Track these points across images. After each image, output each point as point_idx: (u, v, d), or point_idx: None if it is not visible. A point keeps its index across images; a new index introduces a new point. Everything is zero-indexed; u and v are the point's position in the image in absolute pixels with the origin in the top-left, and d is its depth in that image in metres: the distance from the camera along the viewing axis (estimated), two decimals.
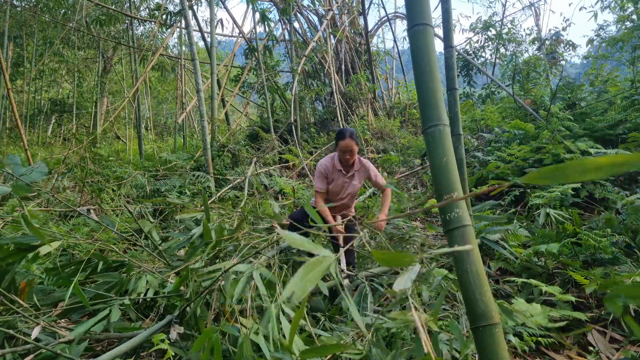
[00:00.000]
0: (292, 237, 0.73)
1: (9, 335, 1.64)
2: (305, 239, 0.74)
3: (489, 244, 2.59)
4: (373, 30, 11.53)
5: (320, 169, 2.80)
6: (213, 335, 1.34)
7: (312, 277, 0.63)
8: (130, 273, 2.13)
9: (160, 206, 4.40)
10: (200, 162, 6.34)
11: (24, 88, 12.43)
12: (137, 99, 9.10)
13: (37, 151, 10.30)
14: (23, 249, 1.81)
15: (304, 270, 0.64)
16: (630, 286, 0.63)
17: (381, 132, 8.55)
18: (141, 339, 1.62)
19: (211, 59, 6.82)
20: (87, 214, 2.48)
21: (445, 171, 1.33)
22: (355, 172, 2.82)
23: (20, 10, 10.11)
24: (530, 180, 0.53)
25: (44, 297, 2.13)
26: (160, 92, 16.48)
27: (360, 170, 2.84)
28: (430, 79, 1.38)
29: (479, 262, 1.25)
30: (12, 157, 3.57)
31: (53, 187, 4.84)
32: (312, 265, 0.65)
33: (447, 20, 2.69)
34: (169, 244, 3.09)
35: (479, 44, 9.46)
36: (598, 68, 6.61)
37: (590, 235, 2.62)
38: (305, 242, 0.73)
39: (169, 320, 1.75)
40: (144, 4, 11.55)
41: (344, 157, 2.73)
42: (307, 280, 0.62)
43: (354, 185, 2.83)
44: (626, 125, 4.36)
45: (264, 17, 7.79)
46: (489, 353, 1.18)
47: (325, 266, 0.66)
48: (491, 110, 7.29)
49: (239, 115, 11.79)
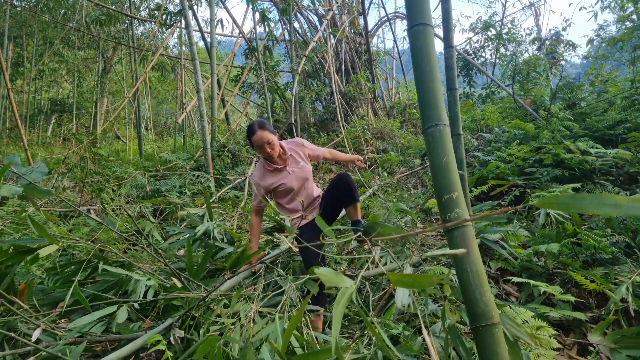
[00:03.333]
0: (323, 273, 0.80)
1: (9, 337, 1.64)
2: (333, 272, 0.83)
3: (489, 244, 2.59)
4: (373, 30, 11.53)
5: (252, 183, 2.43)
6: (216, 344, 1.34)
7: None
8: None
9: (161, 206, 4.40)
10: (200, 162, 6.33)
11: (24, 88, 12.43)
12: (137, 99, 9.10)
13: (37, 151, 10.30)
14: (22, 251, 1.80)
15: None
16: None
17: (381, 132, 8.56)
18: (142, 343, 1.62)
19: (211, 59, 6.82)
20: (87, 214, 2.48)
21: (445, 171, 1.33)
22: (290, 157, 2.39)
23: (20, 10, 10.11)
24: (544, 206, 0.54)
25: (43, 297, 2.13)
26: (160, 92, 16.47)
27: (293, 152, 2.41)
28: (430, 79, 1.38)
29: (479, 262, 1.25)
30: (12, 157, 3.58)
31: (55, 188, 4.84)
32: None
33: (447, 20, 2.69)
34: (169, 242, 3.09)
35: (479, 44, 9.46)
36: (598, 68, 6.61)
37: (590, 235, 2.62)
38: (334, 275, 0.83)
39: (170, 324, 1.75)
40: (144, 4, 11.56)
41: (266, 154, 2.30)
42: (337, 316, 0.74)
43: (301, 169, 2.39)
44: (626, 125, 4.37)
45: (264, 17, 7.79)
46: (489, 353, 1.18)
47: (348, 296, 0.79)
48: (491, 110, 7.29)
49: (239, 115, 11.78)
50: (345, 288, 0.78)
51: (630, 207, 0.47)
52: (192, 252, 2.43)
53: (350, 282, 0.81)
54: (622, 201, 0.48)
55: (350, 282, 0.81)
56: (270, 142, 2.27)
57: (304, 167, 2.39)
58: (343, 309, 0.75)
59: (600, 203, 0.49)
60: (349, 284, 0.79)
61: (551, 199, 0.54)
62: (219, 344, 1.34)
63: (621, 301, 1.97)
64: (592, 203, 0.50)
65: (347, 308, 2.24)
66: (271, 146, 2.28)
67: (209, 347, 1.33)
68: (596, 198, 0.50)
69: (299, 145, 2.43)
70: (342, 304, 0.75)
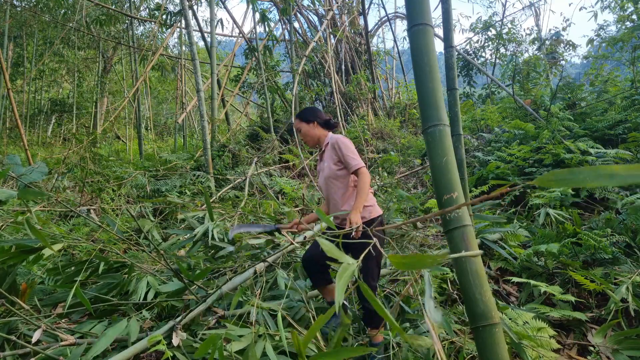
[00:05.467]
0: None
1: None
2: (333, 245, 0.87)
3: (489, 244, 2.59)
4: (373, 30, 11.53)
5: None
6: (217, 342, 1.34)
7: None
8: (131, 274, 2.13)
9: (161, 206, 4.40)
10: (201, 162, 6.33)
11: (24, 88, 12.43)
12: (137, 99, 9.10)
13: (37, 151, 10.30)
14: (25, 250, 1.80)
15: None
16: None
17: (381, 132, 8.56)
18: (142, 346, 1.62)
19: (211, 59, 6.82)
20: (87, 214, 2.48)
21: (445, 171, 1.33)
22: (325, 152, 2.22)
23: (20, 10, 10.11)
24: (542, 184, 0.54)
25: (44, 297, 2.13)
26: (160, 92, 16.48)
27: (329, 148, 2.19)
28: (430, 79, 1.38)
29: (479, 262, 1.25)
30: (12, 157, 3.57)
31: (55, 188, 4.84)
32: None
33: (447, 20, 2.70)
34: (170, 242, 3.09)
35: (479, 44, 9.47)
36: (598, 68, 6.61)
37: (590, 235, 2.62)
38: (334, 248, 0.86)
39: (172, 326, 1.75)
40: (144, 4, 11.55)
41: (304, 142, 2.31)
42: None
43: (324, 168, 2.19)
44: (626, 125, 4.37)
45: (264, 17, 7.79)
46: (489, 353, 1.18)
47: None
48: (491, 110, 7.29)
49: (239, 115, 11.79)
50: (347, 264, 0.80)
51: (627, 176, 0.47)
52: (193, 253, 2.43)
53: (351, 259, 0.85)
54: (619, 170, 0.48)
55: (351, 259, 0.85)
56: (301, 131, 2.24)
57: (326, 169, 2.17)
58: (346, 282, 0.79)
59: (597, 175, 0.50)
60: (351, 261, 0.83)
61: (549, 176, 0.54)
62: (220, 342, 1.34)
63: (621, 301, 1.97)
64: (589, 176, 0.51)
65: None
66: (302, 134, 2.24)
67: (210, 345, 1.33)
68: (592, 170, 0.50)
69: (333, 144, 2.15)
70: (344, 278, 0.79)
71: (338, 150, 2.09)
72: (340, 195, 2.12)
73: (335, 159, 2.12)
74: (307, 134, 2.22)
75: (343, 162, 2.08)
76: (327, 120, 2.26)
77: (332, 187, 2.14)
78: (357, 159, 2.06)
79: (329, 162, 2.14)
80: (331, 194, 2.15)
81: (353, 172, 2.05)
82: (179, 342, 1.65)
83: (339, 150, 2.09)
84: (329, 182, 2.14)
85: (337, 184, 2.12)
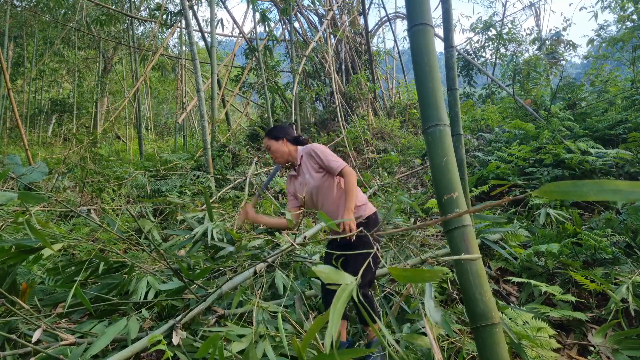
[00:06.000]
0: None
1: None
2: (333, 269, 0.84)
3: (489, 244, 2.59)
4: (373, 30, 11.53)
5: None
6: (218, 342, 1.33)
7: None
8: (131, 274, 2.13)
9: (161, 206, 4.40)
10: (201, 162, 6.34)
11: (24, 88, 12.43)
12: (137, 99, 9.11)
13: (37, 151, 10.30)
14: (25, 250, 1.80)
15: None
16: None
17: (381, 132, 8.56)
18: (142, 346, 1.62)
19: (211, 59, 6.83)
20: (87, 214, 2.48)
21: (445, 171, 1.33)
22: (301, 165, 2.22)
23: (20, 10, 10.12)
24: (544, 194, 0.53)
25: (44, 297, 2.13)
26: (161, 92, 16.48)
27: (305, 160, 2.20)
28: (431, 79, 1.38)
29: (479, 262, 1.25)
30: (13, 157, 3.57)
31: (56, 188, 4.84)
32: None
33: (447, 20, 2.70)
34: (170, 243, 3.09)
35: (479, 44, 9.47)
36: (598, 68, 6.61)
37: (591, 235, 2.62)
38: (333, 272, 0.84)
39: (172, 325, 1.75)
40: (144, 4, 11.56)
41: (273, 159, 2.29)
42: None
43: (308, 181, 2.16)
44: (626, 125, 4.37)
45: (264, 17, 7.79)
46: (489, 353, 1.18)
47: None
48: (491, 110, 7.29)
49: (239, 115, 11.79)
50: (345, 285, 0.77)
51: (630, 192, 0.47)
52: (193, 253, 2.43)
53: (350, 278, 0.81)
54: (623, 186, 0.47)
55: (350, 278, 0.81)
56: (270, 148, 2.21)
57: (310, 181, 2.14)
58: (343, 306, 0.74)
59: (600, 189, 0.49)
60: (349, 281, 0.79)
61: (552, 187, 0.54)
62: (221, 342, 1.34)
63: (621, 301, 1.97)
64: (592, 189, 0.50)
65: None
66: (271, 152, 2.23)
67: (211, 345, 1.33)
68: (596, 184, 0.50)
69: (308, 154, 2.18)
70: (342, 301, 0.74)
71: (316, 157, 2.11)
72: (332, 201, 2.14)
73: (315, 167, 2.14)
74: (277, 151, 2.22)
75: (325, 167, 2.11)
76: (296, 137, 2.28)
77: (321, 195, 2.14)
78: (338, 160, 2.10)
79: (310, 172, 2.16)
80: (322, 202, 2.15)
81: (338, 173, 2.07)
82: (179, 341, 1.65)
83: (317, 157, 2.11)
84: (316, 191, 2.14)
85: (325, 191, 2.13)
